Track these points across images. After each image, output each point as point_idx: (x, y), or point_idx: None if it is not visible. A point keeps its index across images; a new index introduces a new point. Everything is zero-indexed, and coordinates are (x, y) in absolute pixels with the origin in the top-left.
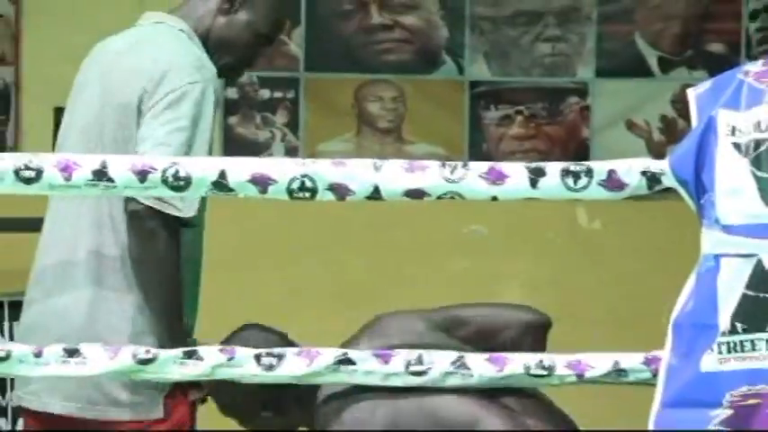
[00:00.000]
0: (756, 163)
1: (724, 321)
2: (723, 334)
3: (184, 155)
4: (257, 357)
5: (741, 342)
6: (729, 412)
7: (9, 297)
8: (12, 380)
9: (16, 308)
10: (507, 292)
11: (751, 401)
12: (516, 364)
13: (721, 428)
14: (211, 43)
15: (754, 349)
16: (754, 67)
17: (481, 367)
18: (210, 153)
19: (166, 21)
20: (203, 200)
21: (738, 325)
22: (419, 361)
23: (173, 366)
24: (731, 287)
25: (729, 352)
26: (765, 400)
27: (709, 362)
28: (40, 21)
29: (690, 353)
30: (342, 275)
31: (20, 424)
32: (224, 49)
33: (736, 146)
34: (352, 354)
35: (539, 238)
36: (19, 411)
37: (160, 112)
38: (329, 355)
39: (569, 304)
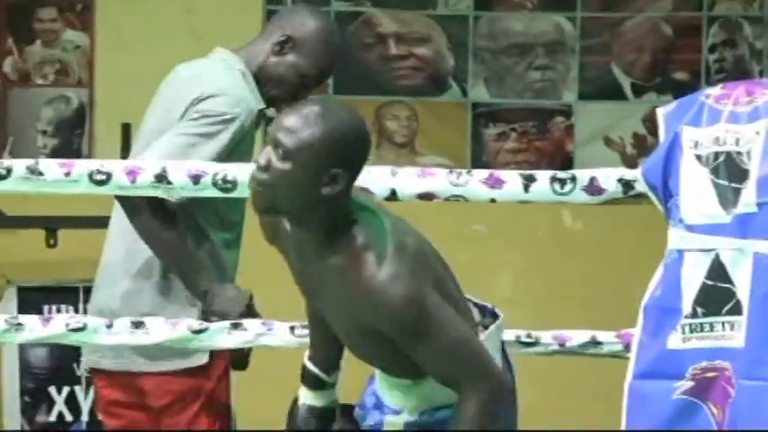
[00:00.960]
0: (715, 172)
1: (687, 306)
2: (686, 317)
3: (176, 158)
4: (291, 329)
5: (701, 324)
6: (691, 383)
7: (84, 283)
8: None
9: (90, 292)
10: (502, 280)
11: (709, 374)
12: (508, 335)
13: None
14: (262, 78)
15: (712, 330)
16: (714, 91)
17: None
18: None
19: (228, 58)
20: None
21: (699, 309)
22: None
23: (221, 335)
24: (693, 277)
25: (691, 332)
26: (721, 373)
27: (674, 340)
28: (111, 51)
29: (658, 332)
30: None
31: (92, 393)
32: (272, 84)
33: (698, 157)
34: None
35: (530, 237)
36: (91, 374)
37: (184, 121)
38: None
39: (554, 290)
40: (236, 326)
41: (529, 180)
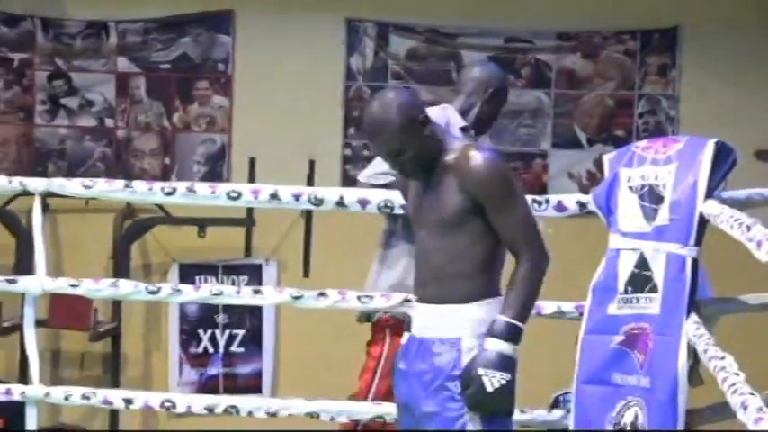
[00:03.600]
0: (641, 197)
1: (621, 286)
2: (620, 293)
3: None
4: (359, 298)
5: (630, 298)
6: (623, 338)
7: (222, 262)
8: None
9: (227, 269)
10: None
11: (635, 332)
12: None
13: (619, 347)
14: (481, 118)
15: (637, 302)
16: (642, 144)
17: None
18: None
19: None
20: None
21: (629, 288)
22: None
23: (312, 300)
24: (625, 267)
25: (624, 303)
26: (643, 331)
27: (613, 308)
28: (243, 109)
29: (601, 303)
30: None
31: (227, 332)
32: (486, 120)
33: (630, 188)
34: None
35: None
36: None
37: None
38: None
39: None
40: (321, 294)
41: None
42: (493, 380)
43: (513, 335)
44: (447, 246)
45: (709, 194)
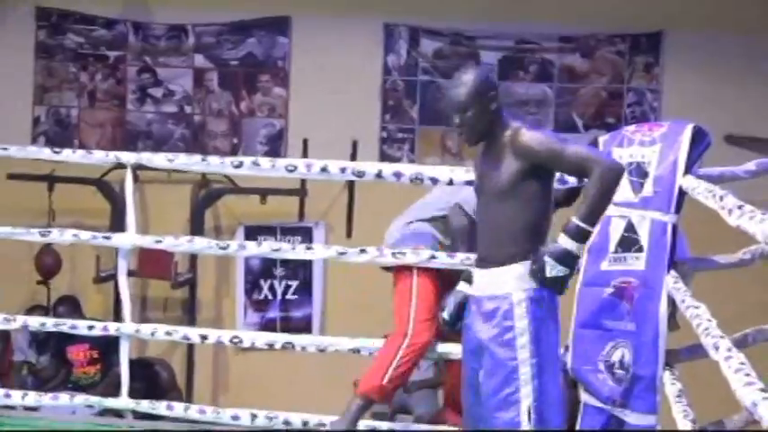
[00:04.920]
0: (630, 173)
1: (612, 247)
2: (611, 253)
3: None
4: (394, 254)
5: (620, 257)
6: (613, 289)
7: (280, 225)
8: None
9: (284, 230)
10: None
11: (623, 284)
12: None
13: (610, 297)
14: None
15: (626, 261)
16: (630, 128)
17: None
18: None
19: None
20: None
21: (619, 248)
22: None
23: (354, 255)
24: (616, 231)
25: (615, 261)
26: (630, 284)
27: (605, 265)
28: (299, 98)
29: (596, 260)
30: None
31: (284, 283)
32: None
33: None
34: None
35: None
36: None
37: None
38: None
39: None
40: (362, 251)
41: None
42: (553, 269)
43: (577, 235)
44: (503, 209)
45: (687, 171)
